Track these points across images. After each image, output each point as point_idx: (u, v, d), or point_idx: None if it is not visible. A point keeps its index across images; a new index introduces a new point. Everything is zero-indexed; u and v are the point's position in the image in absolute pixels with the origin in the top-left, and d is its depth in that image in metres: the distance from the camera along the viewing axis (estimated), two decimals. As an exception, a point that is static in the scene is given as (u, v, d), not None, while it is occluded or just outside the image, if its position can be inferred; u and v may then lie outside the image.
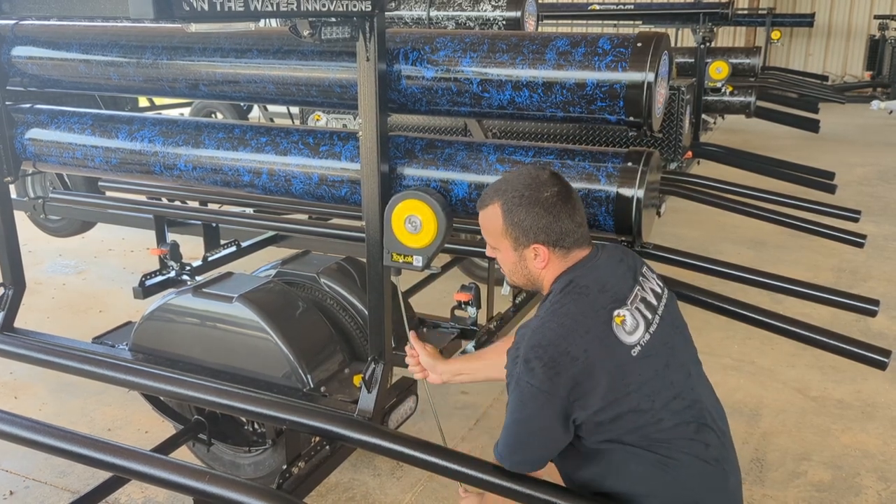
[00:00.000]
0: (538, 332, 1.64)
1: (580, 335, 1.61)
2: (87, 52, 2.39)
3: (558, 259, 1.74)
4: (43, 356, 2.50)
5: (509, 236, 1.74)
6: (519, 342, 1.67)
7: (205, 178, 2.36)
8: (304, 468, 2.11)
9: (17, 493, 2.82)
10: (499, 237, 1.77)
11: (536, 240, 1.72)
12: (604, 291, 1.69)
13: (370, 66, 1.86)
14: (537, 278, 1.79)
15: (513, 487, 1.76)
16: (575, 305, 1.66)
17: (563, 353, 1.59)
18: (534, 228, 1.71)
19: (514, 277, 1.83)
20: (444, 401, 3.45)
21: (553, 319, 1.65)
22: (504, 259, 1.81)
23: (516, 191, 1.73)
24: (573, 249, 1.75)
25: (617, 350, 1.63)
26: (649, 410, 1.63)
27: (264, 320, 2.36)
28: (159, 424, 2.98)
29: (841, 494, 2.79)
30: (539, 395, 1.60)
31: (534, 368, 1.60)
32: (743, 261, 5.00)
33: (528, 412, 1.63)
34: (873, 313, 2.67)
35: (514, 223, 1.72)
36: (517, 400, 1.64)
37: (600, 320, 1.64)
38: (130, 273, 5.14)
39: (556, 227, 1.71)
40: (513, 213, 1.72)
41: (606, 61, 1.80)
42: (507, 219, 1.73)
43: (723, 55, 6.66)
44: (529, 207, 1.71)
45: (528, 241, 1.73)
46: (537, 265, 1.75)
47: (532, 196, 1.71)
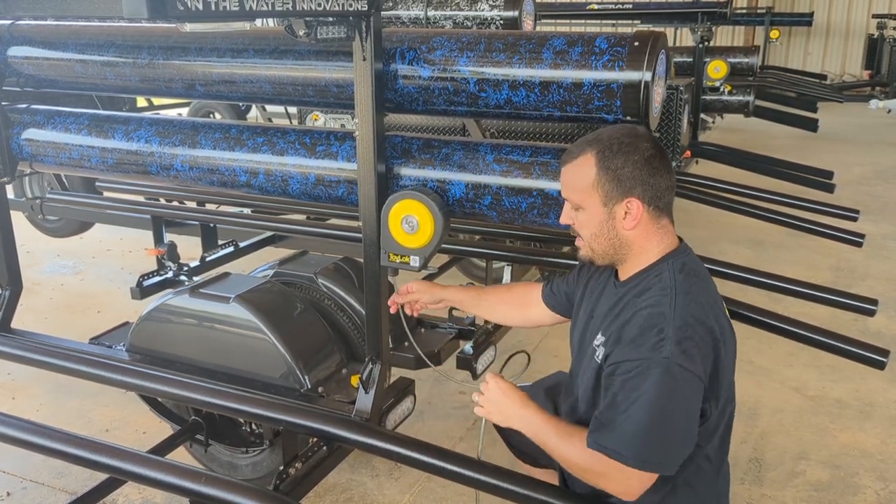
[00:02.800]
0: (680, 311, 1.50)
1: (717, 318, 1.55)
2: (84, 52, 2.38)
3: (650, 222, 1.61)
4: (39, 357, 2.50)
5: (601, 189, 1.59)
6: (657, 323, 1.50)
7: (201, 178, 2.35)
8: (302, 469, 2.10)
9: (15, 494, 2.81)
10: (588, 191, 1.61)
11: (632, 192, 1.58)
12: (709, 279, 1.65)
13: (366, 66, 1.86)
14: (623, 244, 1.63)
15: (514, 489, 1.75)
16: (703, 289, 1.58)
17: (709, 332, 1.50)
18: (631, 179, 1.57)
19: (595, 244, 1.66)
20: (441, 401, 3.44)
21: (689, 299, 1.53)
22: (588, 219, 1.64)
23: (613, 140, 1.60)
24: (664, 216, 1.63)
25: (732, 339, 1.61)
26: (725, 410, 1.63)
27: (261, 321, 2.35)
28: (157, 425, 2.98)
29: (839, 494, 2.78)
30: (695, 381, 1.46)
31: (688, 350, 1.45)
32: (741, 260, 5.00)
33: (682, 402, 1.46)
34: (872, 313, 2.67)
35: (611, 170, 1.57)
36: (665, 390, 1.44)
37: (722, 307, 1.61)
38: (128, 273, 5.14)
39: (654, 183, 1.58)
40: (609, 161, 1.58)
41: (603, 60, 1.79)
42: (601, 167, 1.58)
43: (721, 54, 6.66)
44: (628, 155, 1.57)
45: (622, 194, 1.58)
46: (626, 225, 1.60)
47: (631, 144, 1.58)
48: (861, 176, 8.17)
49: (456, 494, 2.74)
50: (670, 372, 1.44)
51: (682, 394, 1.45)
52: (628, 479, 1.49)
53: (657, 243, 1.64)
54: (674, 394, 1.45)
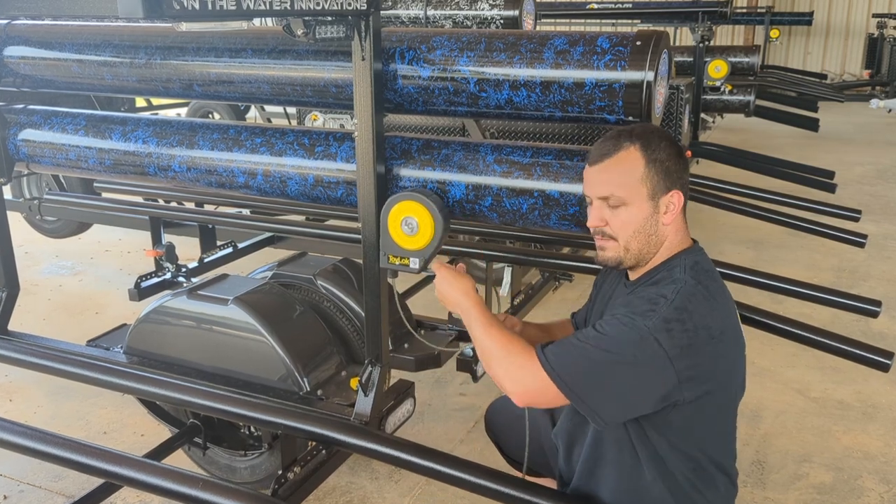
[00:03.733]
0: (683, 297, 1.49)
1: (723, 314, 1.54)
2: (81, 52, 2.37)
3: (680, 218, 1.61)
4: (37, 360, 2.48)
5: (649, 182, 1.56)
6: (654, 299, 1.50)
7: (199, 179, 2.33)
8: (300, 473, 2.08)
9: (11, 497, 2.79)
10: (634, 185, 1.56)
11: (676, 184, 1.57)
12: (722, 282, 1.64)
13: (366, 66, 1.84)
14: (659, 239, 1.61)
15: (514, 494, 1.73)
16: (714, 286, 1.57)
17: (704, 326, 1.48)
18: (677, 171, 1.57)
19: (633, 242, 1.60)
20: (442, 402, 3.43)
21: (698, 291, 1.52)
22: (631, 216, 1.58)
23: (651, 133, 1.58)
24: (684, 215, 1.64)
25: (740, 342, 1.60)
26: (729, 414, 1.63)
27: (260, 323, 2.33)
28: (155, 428, 2.96)
29: (842, 497, 2.76)
30: (661, 362, 1.44)
31: (671, 329, 1.44)
32: (743, 261, 4.98)
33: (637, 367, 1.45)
34: (875, 314, 2.65)
35: (659, 162, 1.55)
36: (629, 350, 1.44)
37: (733, 307, 1.60)
38: (127, 274, 5.12)
39: (686, 176, 1.60)
40: (657, 153, 1.55)
41: (605, 60, 1.77)
42: (650, 159, 1.55)
43: (722, 54, 6.64)
44: (670, 148, 1.57)
45: (669, 186, 1.57)
46: (666, 220, 1.59)
47: (665, 139, 1.58)
48: (862, 175, 8.16)
49: (456, 497, 2.72)
50: (643, 338, 1.44)
51: (640, 361, 1.45)
52: (532, 384, 1.53)
53: (678, 239, 1.64)
54: (636, 358, 1.44)
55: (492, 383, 3.49)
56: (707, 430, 1.60)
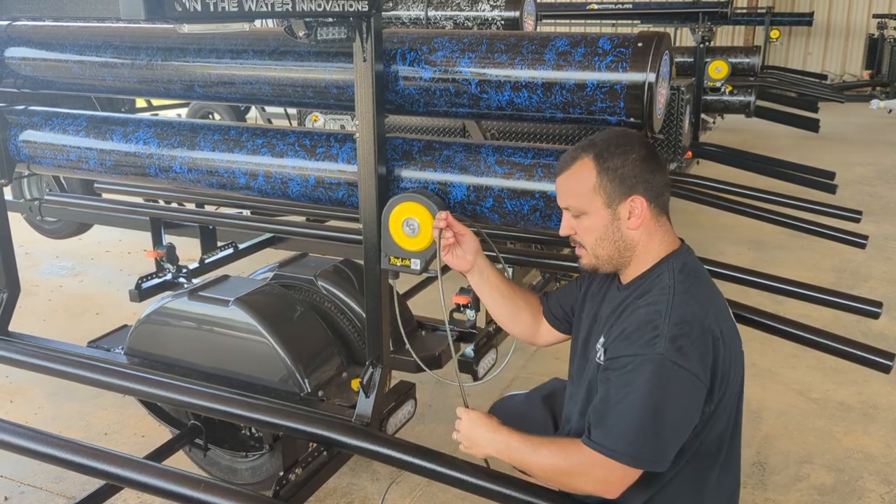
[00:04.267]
0: (678, 309, 1.48)
1: (719, 317, 1.54)
2: (81, 53, 2.37)
3: (653, 220, 1.62)
4: (37, 361, 2.48)
5: (603, 190, 1.59)
6: (653, 318, 1.49)
7: (200, 180, 2.33)
8: (302, 474, 2.08)
9: (12, 498, 2.79)
10: (589, 195, 1.61)
11: (635, 190, 1.58)
12: (710, 280, 1.64)
13: (367, 67, 1.84)
14: (628, 246, 1.62)
15: (515, 495, 1.73)
16: (704, 287, 1.57)
17: (707, 330, 1.47)
18: (632, 177, 1.58)
19: (600, 248, 1.64)
20: (443, 403, 3.42)
21: (689, 297, 1.51)
22: (592, 225, 1.63)
23: (608, 142, 1.61)
24: (663, 215, 1.64)
25: (738, 339, 1.60)
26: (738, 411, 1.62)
27: (261, 324, 2.33)
28: (156, 429, 2.96)
29: (843, 498, 2.76)
30: (690, 380, 1.43)
31: (682, 347, 1.42)
32: (743, 261, 4.98)
33: (675, 400, 1.43)
34: (876, 315, 2.65)
35: (611, 170, 1.58)
36: (657, 387, 1.42)
37: (724, 305, 1.60)
38: (127, 275, 5.11)
39: (653, 181, 1.60)
40: (609, 162, 1.58)
41: (607, 61, 1.77)
42: (601, 168, 1.59)
43: (722, 54, 6.65)
44: (626, 155, 1.59)
45: (625, 192, 1.58)
46: (631, 225, 1.60)
47: (627, 144, 1.60)
48: (862, 176, 8.16)
49: (457, 499, 2.72)
50: (664, 368, 1.42)
51: (674, 390, 1.44)
52: (612, 476, 1.48)
53: (659, 242, 1.64)
54: (667, 390, 1.43)
55: (492, 383, 3.48)
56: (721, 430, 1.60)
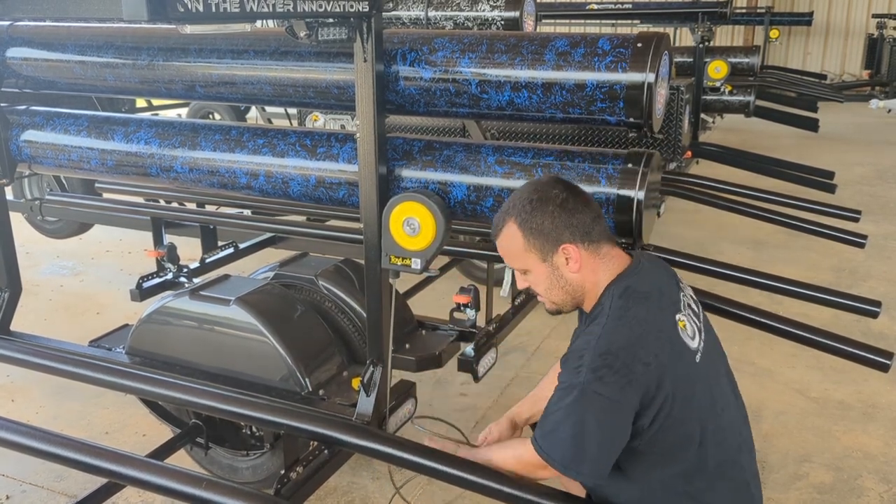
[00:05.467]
0: (605, 339, 1.55)
1: (652, 338, 1.56)
2: (83, 54, 2.37)
3: (591, 257, 1.66)
4: (39, 360, 2.48)
5: (534, 248, 1.66)
6: (580, 350, 1.58)
7: (201, 180, 2.34)
8: (303, 473, 2.09)
9: (14, 497, 2.80)
10: (524, 255, 1.68)
11: (561, 240, 1.64)
12: (662, 296, 1.65)
13: (368, 68, 1.84)
14: (577, 287, 1.69)
15: (515, 493, 1.74)
16: (641, 309, 1.59)
17: (634, 358, 1.52)
18: (556, 228, 1.63)
19: (553, 295, 1.72)
20: (443, 403, 3.43)
21: (621, 324, 1.57)
22: (537, 279, 1.71)
23: (524, 201, 1.66)
24: (602, 244, 1.67)
25: (685, 354, 1.59)
26: (706, 421, 1.61)
27: (262, 323, 2.34)
28: (157, 428, 2.96)
29: (842, 497, 2.77)
30: (609, 406, 1.51)
31: (603, 377, 1.51)
32: (742, 261, 4.99)
33: (596, 423, 1.53)
34: (875, 314, 2.66)
35: (534, 230, 1.65)
36: (580, 410, 1.53)
37: (668, 322, 1.60)
38: (128, 275, 5.12)
39: (577, 222, 1.64)
40: (529, 222, 1.65)
41: (606, 62, 1.78)
42: (525, 230, 1.66)
43: (721, 54, 6.65)
44: (543, 209, 1.64)
45: (554, 245, 1.65)
46: (572, 269, 1.66)
47: (542, 198, 1.65)
48: (862, 176, 8.16)
49: (458, 497, 2.73)
50: (584, 395, 1.52)
51: (595, 415, 1.53)
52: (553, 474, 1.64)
53: (606, 272, 1.68)
54: (587, 415, 1.53)
55: (493, 384, 3.48)
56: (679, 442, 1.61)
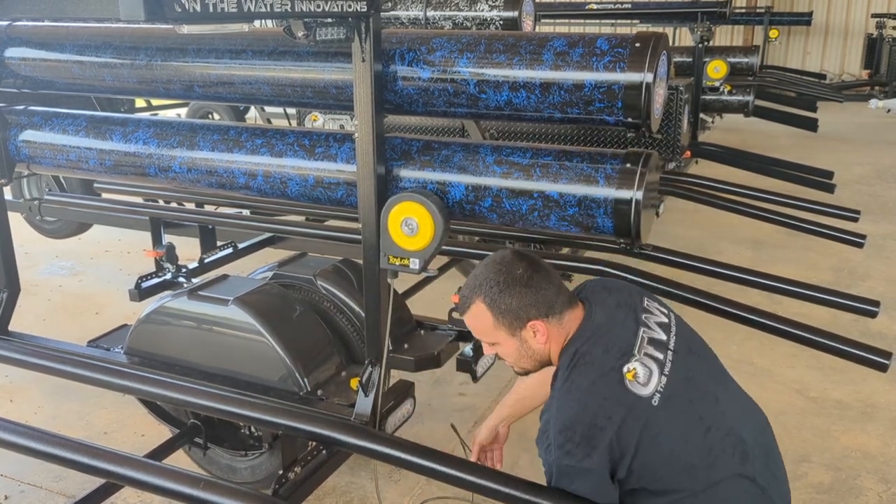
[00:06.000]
0: (560, 415, 1.62)
1: (600, 404, 1.60)
2: (81, 54, 2.37)
3: (556, 328, 1.73)
4: (37, 360, 2.48)
5: (502, 326, 1.73)
6: (545, 429, 1.66)
7: (200, 180, 2.34)
8: (301, 473, 2.09)
9: (12, 497, 2.80)
10: (493, 331, 1.75)
11: (529, 317, 1.71)
12: (608, 351, 1.66)
13: (366, 68, 1.84)
14: (544, 355, 1.77)
15: (513, 493, 1.74)
16: (583, 377, 1.64)
17: (590, 426, 1.58)
18: (523, 307, 1.70)
19: (522, 363, 1.81)
20: (442, 402, 3.43)
21: (568, 398, 1.63)
22: (506, 350, 1.78)
23: (490, 280, 1.72)
24: (565, 313, 1.73)
25: (637, 405, 1.60)
26: (686, 453, 1.61)
27: (260, 323, 2.34)
28: (156, 428, 2.96)
29: (841, 496, 2.77)
30: (583, 472, 1.59)
31: (570, 451, 1.59)
32: (741, 261, 4.99)
33: (578, 489, 1.61)
34: (874, 314, 2.66)
35: (503, 311, 1.71)
36: (566, 484, 1.62)
37: (612, 382, 1.62)
38: (127, 275, 5.12)
39: (542, 298, 1.71)
40: (497, 302, 1.71)
41: (604, 62, 1.78)
42: (494, 310, 1.72)
43: (721, 54, 6.65)
44: (510, 289, 1.70)
45: (522, 323, 1.72)
46: (539, 342, 1.73)
47: (507, 279, 1.71)
48: (861, 175, 8.16)
49: (456, 497, 2.72)
50: (560, 470, 1.62)
51: (577, 484, 1.61)
52: None
53: (563, 338, 1.74)
54: (572, 484, 1.62)
55: (491, 384, 3.48)
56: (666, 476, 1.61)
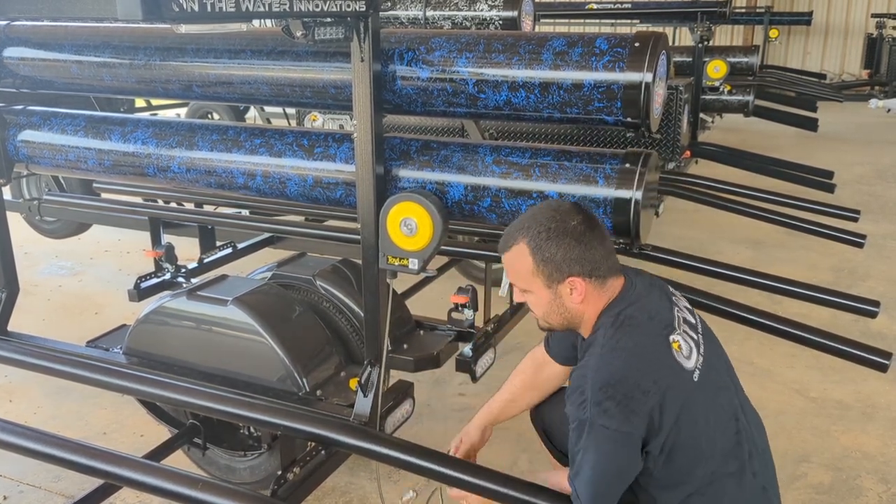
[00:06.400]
0: (603, 371, 1.55)
1: (647, 366, 1.55)
2: (80, 53, 2.37)
3: (595, 291, 1.66)
4: (36, 361, 2.48)
5: (541, 274, 1.65)
6: (580, 385, 1.58)
7: (199, 180, 2.34)
8: (300, 473, 2.09)
9: (11, 497, 2.79)
10: (529, 277, 1.67)
11: (571, 272, 1.63)
12: (652, 319, 1.64)
13: (364, 67, 1.84)
14: (576, 315, 1.70)
15: (512, 494, 1.74)
16: (632, 338, 1.59)
17: (634, 387, 1.52)
18: (567, 261, 1.62)
19: (550, 319, 1.73)
20: (441, 402, 3.43)
21: (614, 355, 1.57)
22: (537, 301, 1.71)
23: (541, 224, 1.64)
24: (608, 279, 1.67)
25: (682, 376, 1.58)
26: (712, 440, 1.60)
27: (259, 323, 2.34)
28: (155, 428, 2.96)
29: (841, 497, 2.77)
30: (619, 437, 1.52)
31: (608, 409, 1.51)
32: (741, 261, 4.99)
33: (610, 457, 1.54)
34: (874, 314, 2.66)
35: (546, 259, 1.63)
36: (594, 446, 1.54)
37: (661, 347, 1.59)
38: (126, 275, 5.11)
39: (589, 257, 1.63)
40: (542, 249, 1.63)
41: (604, 62, 1.78)
42: (536, 255, 1.64)
43: (721, 54, 6.65)
44: (559, 239, 1.62)
45: (562, 276, 1.63)
46: (574, 300, 1.66)
47: (559, 227, 1.62)
48: (861, 175, 8.16)
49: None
50: (593, 430, 1.54)
51: (606, 448, 1.54)
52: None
53: (603, 300, 1.68)
54: (599, 449, 1.54)
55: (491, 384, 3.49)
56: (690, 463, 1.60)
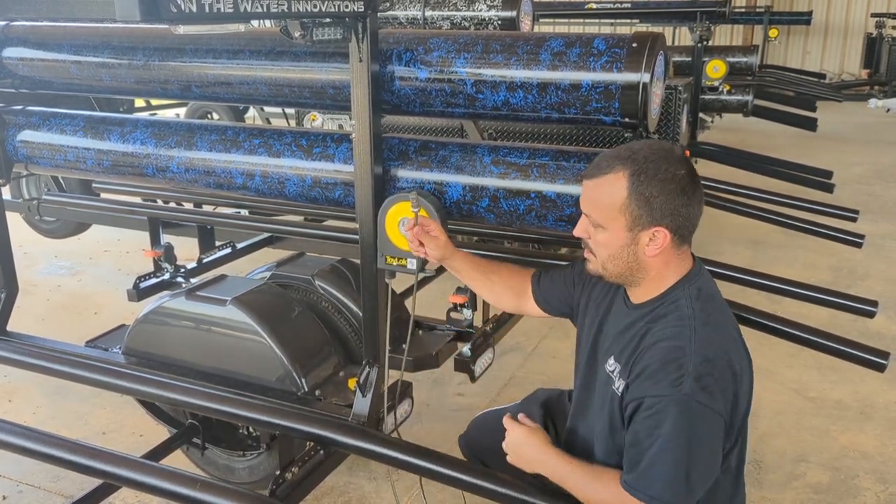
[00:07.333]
0: (700, 344, 1.44)
1: (736, 347, 1.50)
2: (78, 54, 2.37)
3: (672, 250, 1.53)
4: (35, 361, 2.48)
5: (628, 213, 1.49)
6: (677, 356, 1.44)
7: (197, 180, 2.34)
8: (298, 473, 2.08)
9: (10, 497, 2.80)
10: (612, 212, 1.51)
11: (662, 221, 1.48)
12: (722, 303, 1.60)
13: (363, 68, 1.84)
14: (642, 269, 1.55)
15: (510, 494, 1.74)
16: (721, 315, 1.52)
17: (728, 367, 1.44)
18: (662, 208, 1.47)
19: (609, 264, 1.57)
20: (440, 402, 3.43)
21: (709, 329, 1.47)
22: (608, 240, 1.54)
23: (650, 161, 1.47)
24: (684, 245, 1.55)
25: (751, 367, 1.55)
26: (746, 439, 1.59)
27: (258, 323, 2.34)
28: (154, 428, 2.96)
29: (839, 496, 2.77)
30: (715, 418, 1.41)
31: (708, 387, 1.40)
32: (740, 260, 4.99)
33: (702, 438, 1.41)
34: (872, 314, 2.66)
35: (643, 196, 1.47)
36: (686, 430, 1.39)
37: (736, 326, 1.54)
38: (125, 275, 5.12)
39: (685, 213, 1.49)
40: (644, 186, 1.47)
41: (601, 62, 1.78)
42: (634, 190, 1.47)
43: (720, 54, 6.65)
44: (664, 183, 1.46)
45: (651, 222, 1.49)
46: (650, 252, 1.51)
47: (668, 170, 1.47)
48: (860, 175, 8.16)
49: (453, 497, 2.72)
50: (690, 409, 1.40)
51: (701, 431, 1.41)
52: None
53: (674, 269, 1.57)
54: (694, 432, 1.40)
55: (490, 384, 3.47)
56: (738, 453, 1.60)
